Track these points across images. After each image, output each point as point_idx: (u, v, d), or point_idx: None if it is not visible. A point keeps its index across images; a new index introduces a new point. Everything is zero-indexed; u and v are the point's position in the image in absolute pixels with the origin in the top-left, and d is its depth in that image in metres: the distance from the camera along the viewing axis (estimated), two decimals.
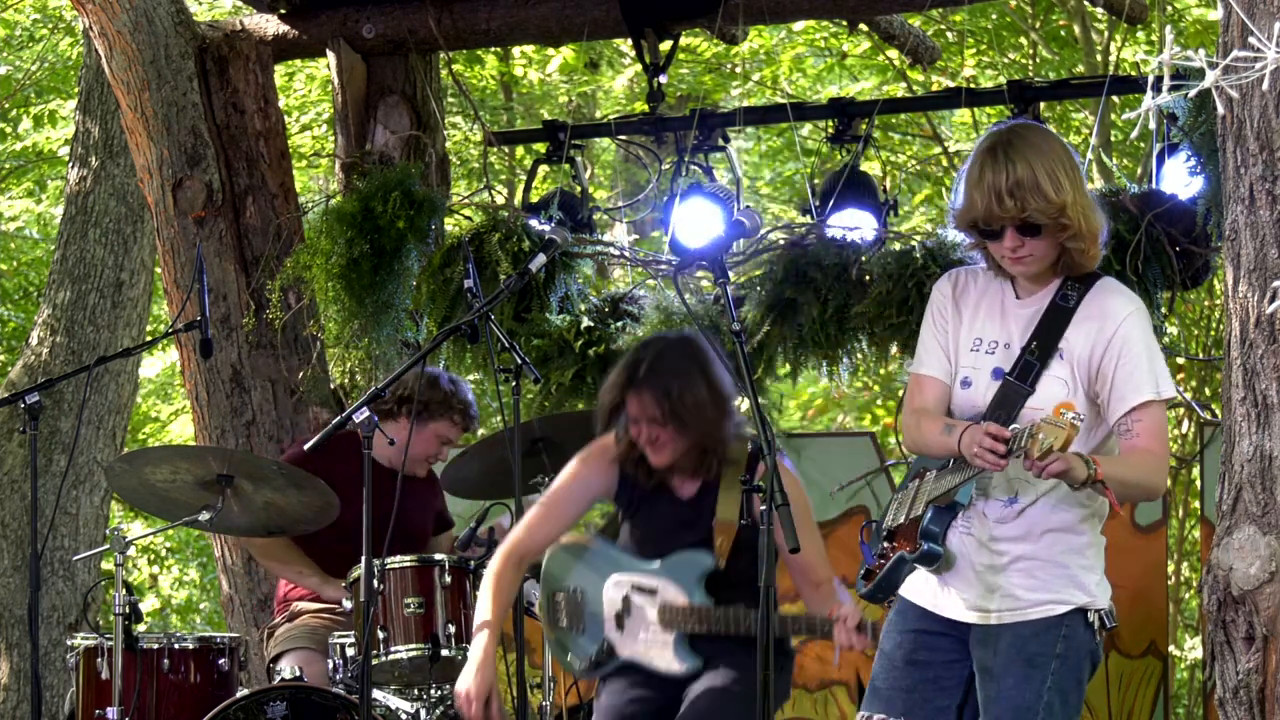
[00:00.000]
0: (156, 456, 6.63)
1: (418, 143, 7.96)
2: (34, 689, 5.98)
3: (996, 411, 4.34)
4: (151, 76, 7.69)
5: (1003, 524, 4.39)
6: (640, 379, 5.17)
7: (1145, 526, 7.04)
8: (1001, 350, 4.42)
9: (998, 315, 4.46)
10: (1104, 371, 4.35)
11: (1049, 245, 4.35)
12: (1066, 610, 4.37)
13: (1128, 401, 4.32)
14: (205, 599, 15.76)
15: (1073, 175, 4.33)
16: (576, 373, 7.39)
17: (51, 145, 13.79)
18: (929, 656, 4.46)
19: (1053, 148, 4.35)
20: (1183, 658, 12.23)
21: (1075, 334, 4.37)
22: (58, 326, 10.08)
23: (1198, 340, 11.01)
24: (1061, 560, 4.38)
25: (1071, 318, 4.38)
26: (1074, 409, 4.07)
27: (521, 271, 5.46)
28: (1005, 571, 4.38)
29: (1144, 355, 4.36)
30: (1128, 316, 4.37)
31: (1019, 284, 4.47)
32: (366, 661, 5.05)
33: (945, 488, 4.40)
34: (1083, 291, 4.39)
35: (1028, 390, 4.35)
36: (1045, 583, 4.37)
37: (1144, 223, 6.62)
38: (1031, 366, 4.36)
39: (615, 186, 14.33)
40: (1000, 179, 4.29)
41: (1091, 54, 11.79)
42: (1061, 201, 4.29)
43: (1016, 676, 4.34)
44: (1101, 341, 4.35)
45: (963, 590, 4.43)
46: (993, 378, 4.40)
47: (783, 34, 12.64)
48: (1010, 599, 4.37)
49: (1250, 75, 3.28)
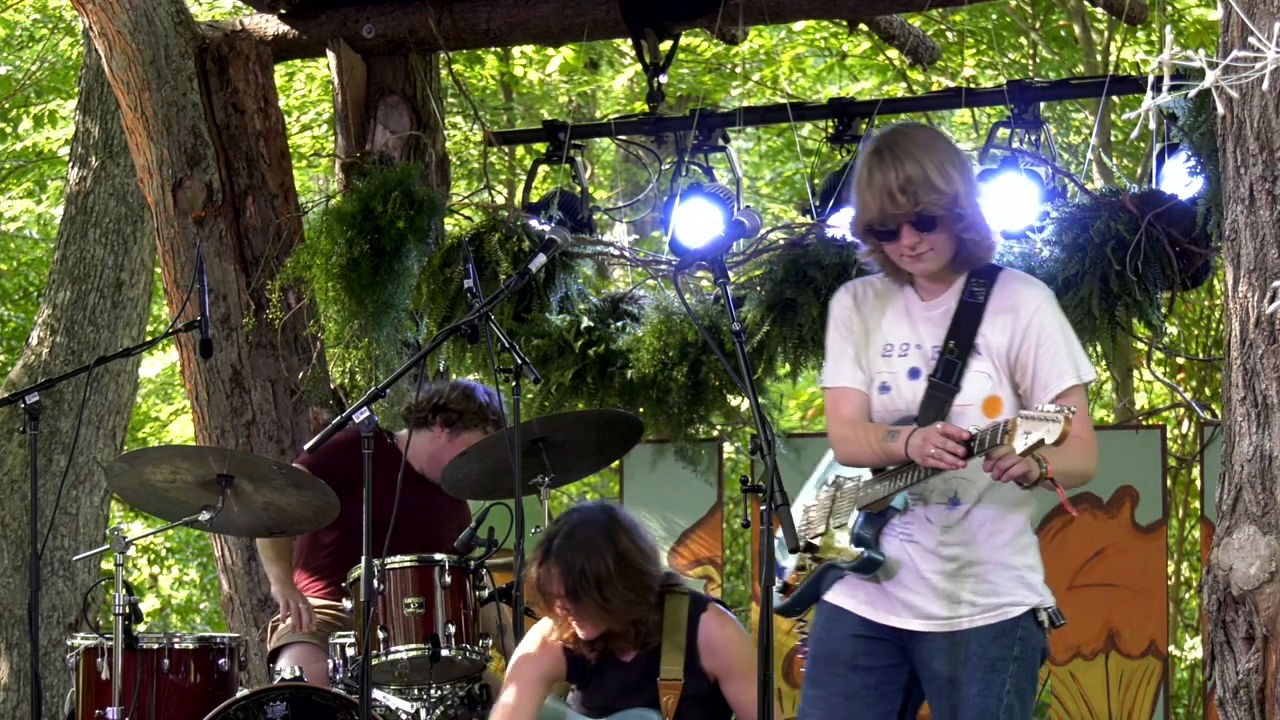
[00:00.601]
0: (156, 456, 6.62)
1: (418, 143, 7.96)
2: (34, 689, 5.98)
3: (926, 413, 4.32)
4: (151, 76, 7.69)
5: (949, 529, 4.36)
6: (550, 553, 5.14)
7: (1145, 526, 7.05)
8: (914, 351, 4.41)
9: (904, 319, 4.45)
10: (1023, 361, 4.35)
11: (946, 239, 4.34)
12: (1021, 612, 4.37)
13: (1051, 389, 4.31)
14: (205, 599, 15.76)
15: (960, 168, 4.35)
16: (576, 373, 7.39)
17: (51, 145, 13.79)
18: (870, 662, 4.42)
19: (938, 144, 4.38)
20: (1183, 658, 12.23)
21: (990, 328, 4.37)
22: (58, 326, 10.08)
23: (1198, 340, 11.01)
24: (1011, 562, 4.37)
25: (984, 313, 4.38)
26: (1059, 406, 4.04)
27: (521, 271, 5.46)
28: (958, 578, 4.35)
29: (1062, 341, 4.37)
30: (1040, 305, 4.38)
31: (920, 286, 4.46)
32: (366, 661, 5.04)
33: (880, 494, 4.36)
34: (989, 285, 4.40)
35: (953, 389, 4.34)
36: (998, 586, 4.35)
37: (1144, 223, 6.62)
38: (953, 365, 4.34)
39: (615, 186, 14.33)
40: (890, 177, 4.30)
41: (1091, 54, 11.79)
42: (954, 191, 4.30)
43: (980, 683, 4.32)
44: (1018, 332, 4.35)
45: (909, 598, 4.38)
46: (910, 378, 4.38)
47: (783, 34, 12.64)
48: (967, 606, 4.35)
49: (1250, 75, 3.28)
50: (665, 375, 7.29)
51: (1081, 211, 6.78)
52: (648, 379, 7.32)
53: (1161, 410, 12.04)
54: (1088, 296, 6.66)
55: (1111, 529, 7.05)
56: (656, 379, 7.30)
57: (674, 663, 5.14)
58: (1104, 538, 7.04)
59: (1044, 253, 6.80)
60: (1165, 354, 9.69)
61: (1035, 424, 4.02)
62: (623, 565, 5.08)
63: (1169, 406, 11.88)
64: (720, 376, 7.28)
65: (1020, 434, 4.03)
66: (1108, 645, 7.03)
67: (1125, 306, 6.69)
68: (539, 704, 5.26)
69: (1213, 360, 9.73)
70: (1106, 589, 7.03)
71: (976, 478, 4.30)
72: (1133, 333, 6.95)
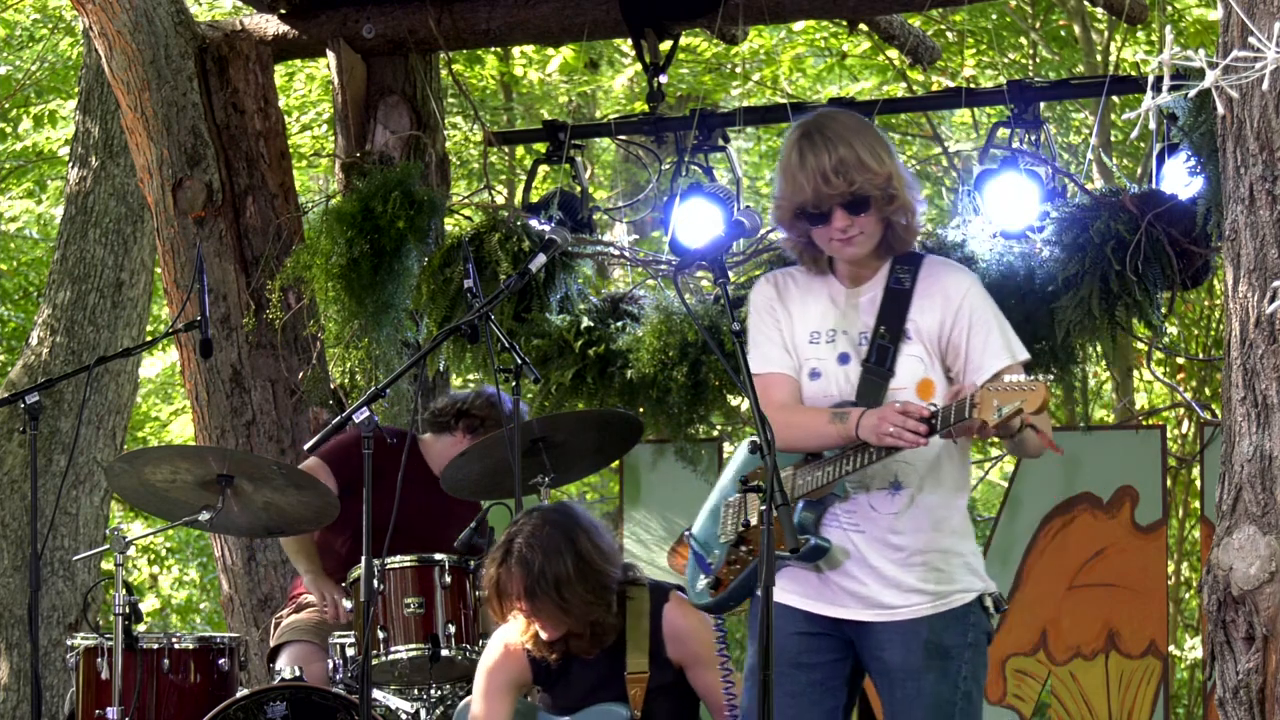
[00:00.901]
0: (156, 456, 6.63)
1: (418, 143, 7.96)
2: (34, 689, 5.98)
3: (863, 398, 4.32)
4: (151, 76, 7.69)
5: (898, 517, 4.33)
6: (510, 554, 5.14)
7: (1145, 526, 7.05)
8: (841, 337, 4.41)
9: (830, 306, 4.44)
10: (955, 344, 4.35)
11: (876, 221, 4.35)
12: (971, 599, 4.36)
13: (986, 370, 4.30)
14: (205, 599, 15.76)
15: (888, 150, 4.37)
16: (576, 373, 7.39)
17: (51, 145, 13.78)
18: (814, 659, 4.40)
19: (865, 127, 4.39)
20: (1183, 658, 12.23)
21: (919, 313, 4.37)
22: (58, 326, 10.08)
23: (1198, 340, 11.01)
24: (958, 549, 4.37)
25: (911, 298, 4.38)
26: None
27: (521, 271, 5.46)
28: (908, 566, 4.33)
29: (994, 323, 4.38)
30: (969, 289, 4.40)
31: (843, 274, 4.46)
32: (366, 661, 5.04)
33: (821, 480, 4.33)
34: (914, 271, 4.41)
35: (887, 373, 4.34)
36: (948, 574, 4.34)
37: (1144, 223, 6.62)
38: (886, 350, 4.35)
39: (615, 186, 14.33)
40: (824, 160, 4.30)
41: (1091, 54, 11.79)
42: (885, 172, 4.32)
43: (936, 671, 4.30)
44: (949, 315, 4.36)
45: (856, 589, 4.34)
46: (840, 363, 4.38)
47: (783, 34, 12.64)
48: (919, 594, 4.32)
49: (1250, 75, 3.28)
50: (665, 375, 7.28)
51: (1081, 211, 6.78)
52: (648, 379, 7.32)
53: (1161, 410, 12.04)
54: (1088, 296, 6.66)
55: (1111, 529, 7.05)
56: (656, 379, 7.30)
57: (639, 655, 5.16)
58: (1104, 538, 7.04)
59: (1044, 253, 6.80)
60: (1165, 354, 9.68)
61: (1008, 394, 4.00)
62: (581, 566, 5.08)
63: (1169, 406, 11.88)
64: (720, 376, 7.28)
65: (992, 406, 4.00)
66: (1108, 645, 7.03)
67: (1125, 306, 6.69)
68: (509, 712, 5.25)
69: (1213, 360, 9.73)
70: (1106, 589, 7.03)
71: (917, 461, 4.30)
72: (1133, 333, 6.95)
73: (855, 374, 4.36)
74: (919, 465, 4.31)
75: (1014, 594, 7.15)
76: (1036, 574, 7.12)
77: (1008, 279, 6.75)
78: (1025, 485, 7.20)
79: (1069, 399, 11.41)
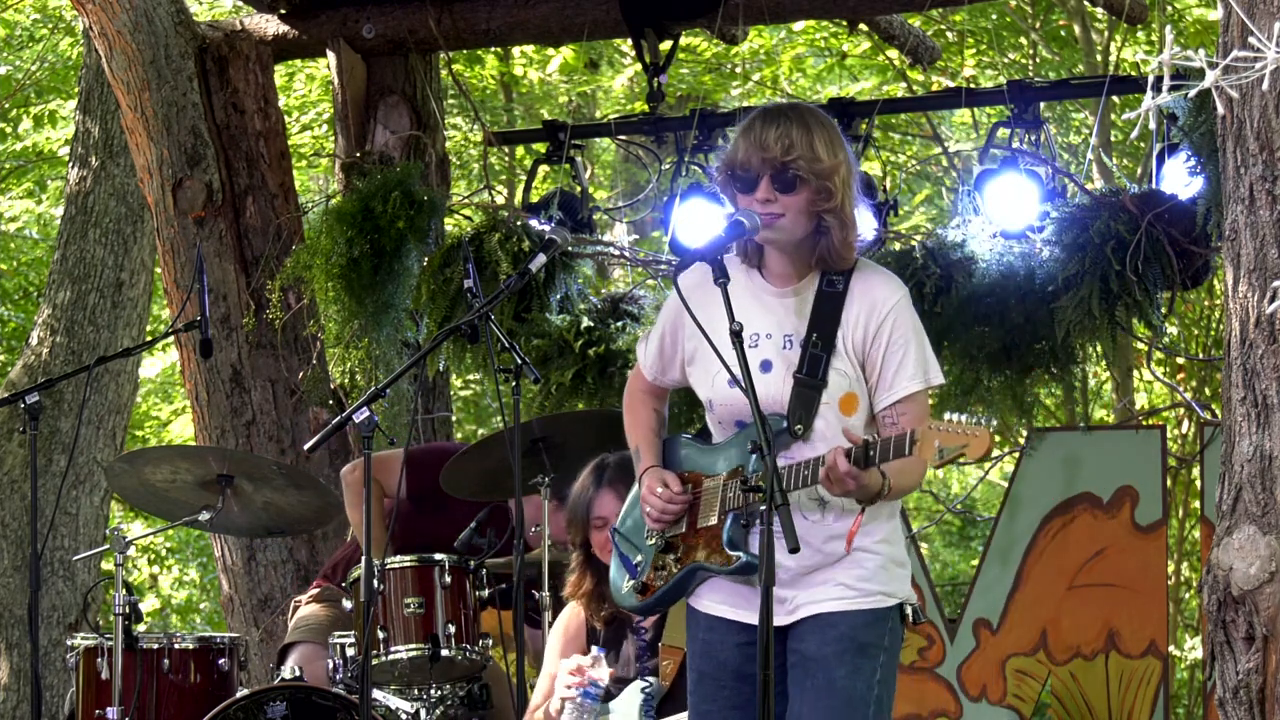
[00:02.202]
0: (156, 456, 6.64)
1: (418, 143, 7.96)
2: (34, 689, 5.98)
3: (795, 411, 4.19)
4: (151, 76, 7.70)
5: (826, 527, 4.23)
6: (603, 481, 5.20)
7: (1145, 526, 7.04)
8: (765, 342, 4.27)
9: (754, 305, 4.28)
10: (872, 358, 4.22)
11: (800, 213, 4.18)
12: (892, 604, 4.26)
13: (897, 391, 4.20)
14: (205, 599, 15.76)
15: (847, 155, 4.22)
16: (576, 373, 7.39)
17: (51, 145, 13.78)
18: (756, 668, 4.21)
19: (832, 125, 4.25)
20: (1183, 658, 12.23)
21: (849, 320, 4.22)
22: (58, 326, 10.08)
23: (1198, 340, 11.01)
24: (885, 553, 4.25)
25: (844, 303, 4.23)
26: None
27: (521, 271, 5.45)
28: (836, 566, 4.23)
29: (914, 342, 4.22)
30: (896, 303, 4.23)
31: (770, 272, 4.31)
32: (366, 661, 5.04)
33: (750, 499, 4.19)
34: (846, 276, 4.24)
35: (820, 384, 4.20)
36: (874, 574, 4.24)
37: (1144, 223, 6.62)
38: (819, 360, 4.20)
39: (615, 186, 14.33)
40: (771, 129, 4.17)
41: (1091, 54, 11.79)
42: (830, 165, 4.17)
43: (849, 666, 4.19)
44: (872, 327, 4.21)
45: (782, 593, 4.19)
46: (762, 371, 4.23)
47: (783, 34, 12.63)
48: (841, 588, 4.22)
49: (1250, 75, 3.28)
50: None
51: (1081, 211, 6.78)
52: None
53: (1161, 410, 12.03)
54: (1088, 296, 6.66)
55: (1111, 529, 7.05)
56: None
57: (678, 631, 5.16)
58: (1104, 538, 7.04)
59: (1044, 253, 6.80)
60: (1165, 354, 9.68)
61: (952, 437, 3.88)
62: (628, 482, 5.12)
63: (1169, 406, 11.87)
64: None
65: (933, 446, 3.88)
66: (1108, 645, 7.03)
67: (1125, 306, 6.69)
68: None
69: (1213, 360, 9.72)
70: (1106, 589, 7.02)
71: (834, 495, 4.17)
72: (1133, 333, 6.95)
73: (778, 383, 4.22)
74: None
75: (1014, 594, 7.15)
76: (1036, 574, 7.12)
77: (1008, 279, 6.75)
78: (1025, 485, 7.19)
79: (1069, 399, 11.41)
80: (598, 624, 5.34)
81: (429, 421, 8.15)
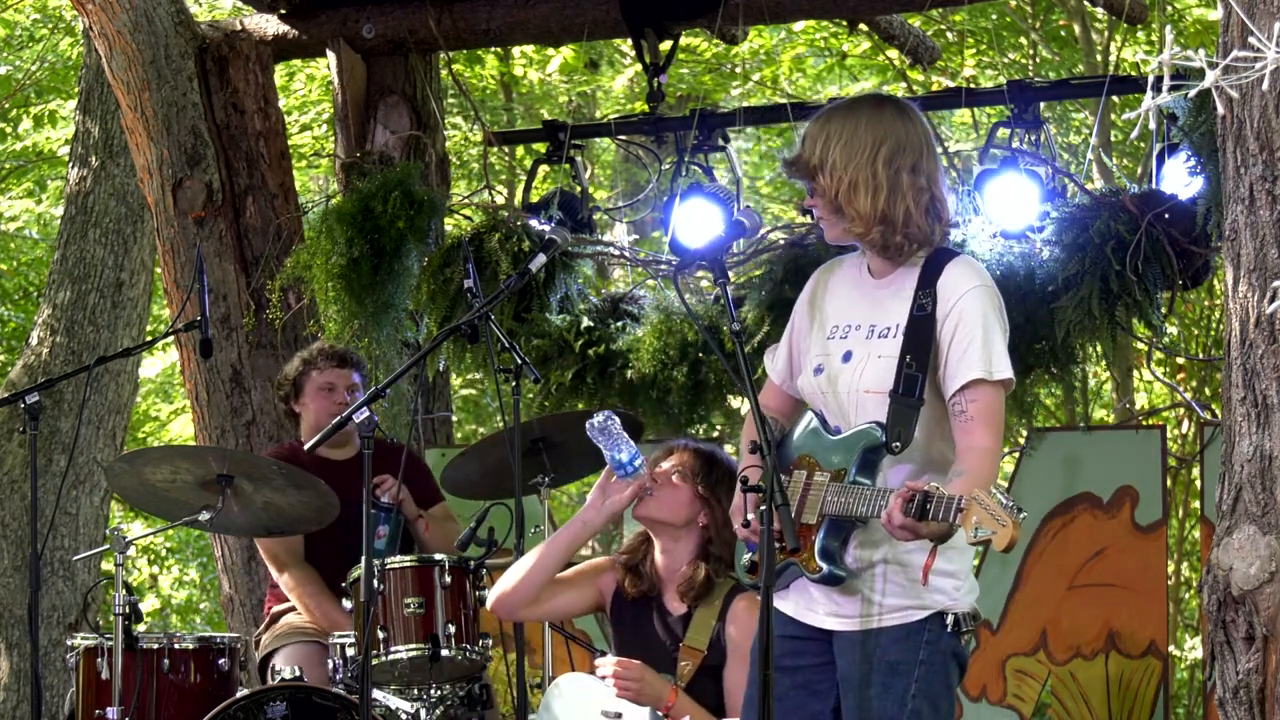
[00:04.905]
0: (156, 456, 6.63)
1: (418, 143, 7.97)
2: (34, 689, 5.98)
3: (895, 428, 4.17)
4: (151, 76, 7.70)
5: (863, 529, 4.24)
6: (685, 445, 5.34)
7: (1145, 526, 7.05)
8: (854, 334, 4.31)
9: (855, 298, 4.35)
10: (941, 346, 4.21)
11: (824, 210, 4.26)
12: (926, 615, 4.21)
13: (958, 379, 4.17)
14: (205, 599, 15.76)
15: (845, 153, 4.19)
16: (576, 373, 7.40)
17: (51, 145, 13.79)
18: (797, 662, 4.32)
19: (849, 118, 4.22)
20: (1183, 658, 12.23)
21: (938, 337, 4.21)
22: (58, 326, 10.08)
23: (1198, 340, 11.01)
24: (918, 563, 4.17)
25: (933, 323, 4.22)
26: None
27: (521, 271, 5.46)
28: (862, 577, 4.23)
29: (980, 332, 4.17)
30: (967, 292, 4.20)
31: (872, 266, 4.36)
32: (366, 661, 5.04)
33: (849, 511, 4.19)
34: (933, 292, 4.22)
35: (918, 403, 4.19)
36: (903, 588, 4.21)
37: (1144, 223, 6.62)
38: (915, 380, 4.18)
39: (615, 186, 14.33)
40: (815, 124, 4.25)
41: (1091, 54, 11.79)
42: (815, 161, 4.21)
43: (879, 686, 4.19)
44: (943, 314, 4.21)
45: (821, 597, 4.28)
46: (842, 361, 4.28)
47: (783, 34, 12.64)
48: (867, 604, 4.22)
49: (1250, 75, 3.28)
50: (665, 375, 7.29)
51: (1081, 211, 6.78)
52: (648, 379, 7.32)
53: (1161, 410, 12.04)
54: (1088, 296, 6.66)
55: (1111, 529, 7.05)
56: (656, 379, 7.30)
57: (702, 633, 5.19)
58: (1104, 538, 7.04)
59: (1044, 253, 6.80)
60: (1165, 354, 9.68)
61: (992, 520, 3.84)
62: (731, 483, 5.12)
63: (1169, 406, 11.88)
64: (720, 376, 7.28)
65: (972, 523, 3.86)
66: (1108, 645, 7.03)
67: (1125, 306, 6.69)
68: (584, 597, 5.39)
69: (1213, 360, 9.73)
70: (1106, 589, 7.02)
71: None
72: (1133, 333, 6.95)
73: (852, 372, 4.25)
74: None
75: (1014, 594, 7.15)
76: (1036, 574, 7.12)
77: (1008, 279, 6.74)
78: (1025, 485, 7.19)
79: (1069, 399, 11.41)
80: (627, 594, 5.34)
81: (429, 421, 8.16)
